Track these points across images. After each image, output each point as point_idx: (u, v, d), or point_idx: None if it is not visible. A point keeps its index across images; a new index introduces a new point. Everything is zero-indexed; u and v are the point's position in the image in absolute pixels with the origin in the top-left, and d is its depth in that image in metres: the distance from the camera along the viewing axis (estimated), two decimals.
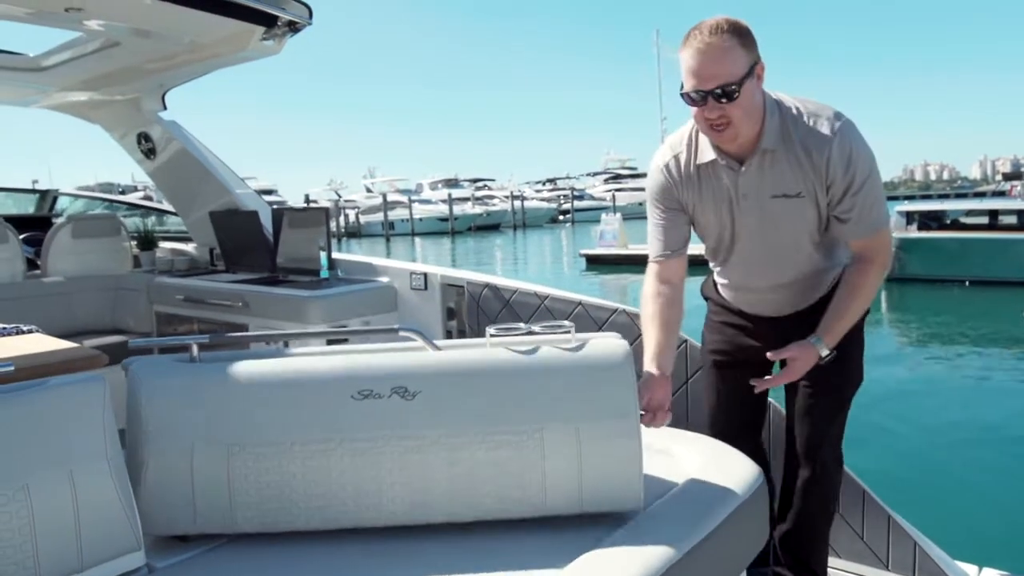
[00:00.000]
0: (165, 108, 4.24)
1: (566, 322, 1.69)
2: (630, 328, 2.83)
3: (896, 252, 15.73)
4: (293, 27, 3.17)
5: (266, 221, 4.07)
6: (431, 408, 1.64)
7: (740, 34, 1.75)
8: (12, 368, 1.66)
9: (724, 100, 1.75)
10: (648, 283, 2.11)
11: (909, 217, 16.10)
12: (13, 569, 1.51)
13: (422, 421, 1.65)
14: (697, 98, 1.78)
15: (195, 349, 1.79)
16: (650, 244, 2.12)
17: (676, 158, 2.01)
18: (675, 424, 2.73)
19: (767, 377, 1.99)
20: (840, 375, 2.06)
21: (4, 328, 2.72)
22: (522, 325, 1.72)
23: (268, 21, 3.09)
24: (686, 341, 2.73)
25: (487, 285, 3.26)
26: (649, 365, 1.96)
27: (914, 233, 15.85)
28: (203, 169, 4.21)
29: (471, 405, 1.64)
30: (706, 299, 2.37)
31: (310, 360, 1.72)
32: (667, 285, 2.08)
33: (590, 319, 2.94)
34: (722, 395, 2.29)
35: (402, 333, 1.79)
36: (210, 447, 1.70)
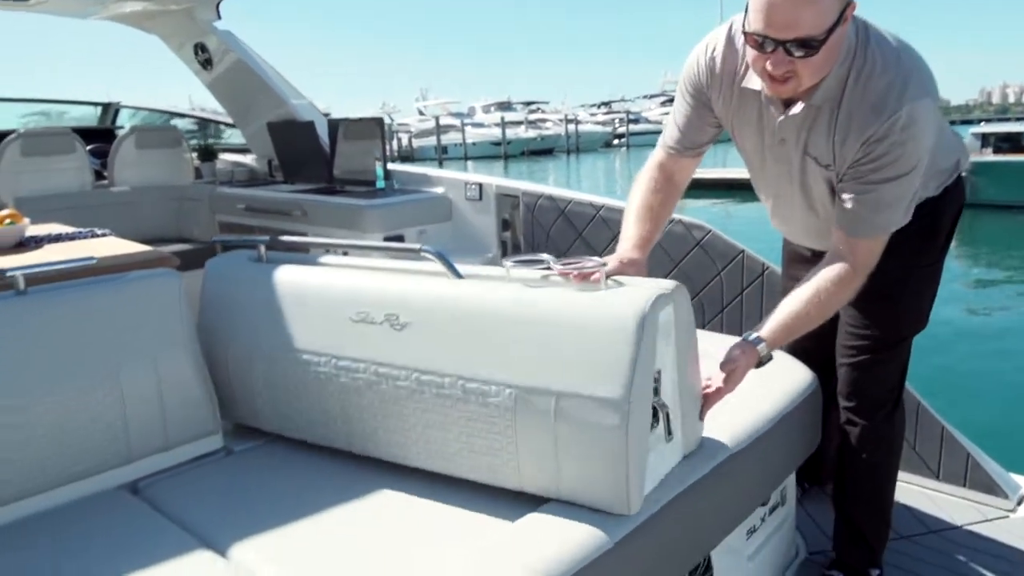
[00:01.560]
0: (219, 18, 4.25)
1: (598, 259, 1.42)
2: (685, 238, 2.81)
3: (968, 177, 15.05)
4: None
5: (322, 132, 4.10)
6: (416, 343, 1.51)
7: None
8: (95, 260, 1.75)
9: (799, 55, 1.41)
10: (647, 173, 1.84)
11: (984, 139, 15.33)
12: (107, 445, 1.64)
13: (405, 355, 1.52)
14: (765, 46, 1.43)
15: (263, 249, 1.86)
16: (666, 130, 1.86)
17: (721, 61, 1.68)
18: (729, 334, 2.74)
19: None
20: (902, 319, 1.81)
21: (80, 231, 2.84)
22: (546, 258, 1.48)
23: None
24: (743, 252, 2.70)
25: (542, 195, 3.25)
26: (631, 251, 1.70)
27: (988, 156, 15.12)
28: (259, 80, 4.24)
29: (452, 347, 1.46)
30: None
31: (328, 274, 1.72)
32: (668, 182, 1.83)
33: None
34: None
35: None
36: (254, 347, 1.79)
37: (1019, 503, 2.29)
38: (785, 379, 1.89)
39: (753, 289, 2.69)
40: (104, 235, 2.92)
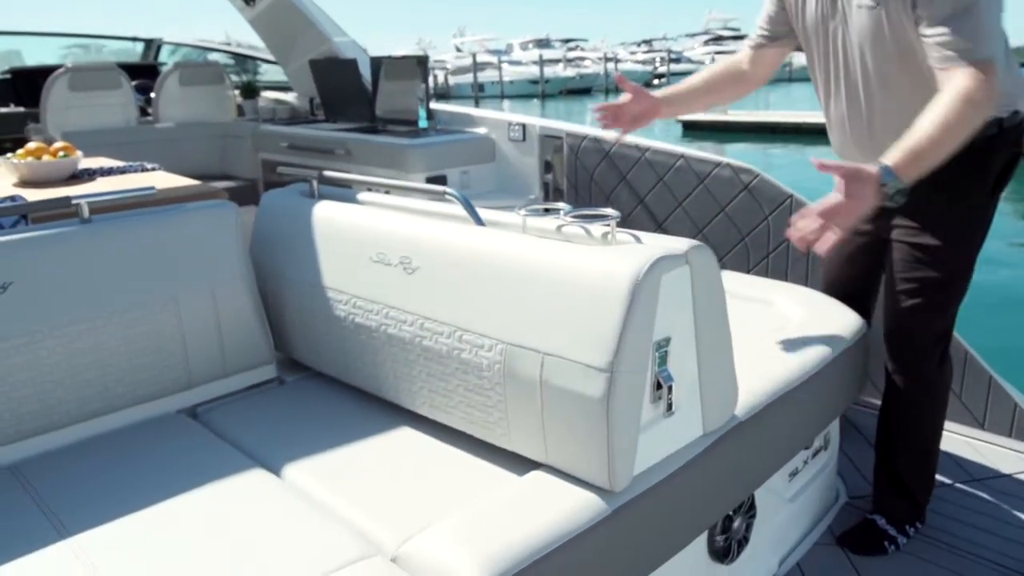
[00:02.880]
0: None
1: (612, 211, 1.36)
2: (732, 182, 2.77)
3: None
4: None
5: (364, 70, 4.07)
6: (423, 288, 1.50)
7: None
8: (154, 191, 1.79)
9: None
10: (726, 59, 2.03)
11: None
12: (168, 370, 1.70)
13: (412, 300, 1.52)
14: None
15: (315, 184, 1.89)
16: (756, 26, 1.97)
17: None
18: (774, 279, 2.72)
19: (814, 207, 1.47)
20: (951, 259, 1.75)
21: (130, 165, 2.90)
22: (563, 207, 1.45)
23: None
24: (791, 196, 2.65)
25: (587, 137, 3.21)
26: (656, 94, 1.91)
27: None
28: (302, 16, 4.21)
29: (452, 295, 1.44)
30: None
31: (358, 213, 1.71)
32: (742, 68, 1.99)
33: (692, 172, 2.88)
34: (833, 258, 2.03)
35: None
36: (295, 282, 1.82)
37: None
38: (834, 323, 1.88)
39: None
40: (154, 169, 2.98)
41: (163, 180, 2.63)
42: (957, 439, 2.39)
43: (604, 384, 1.19)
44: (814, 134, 18.53)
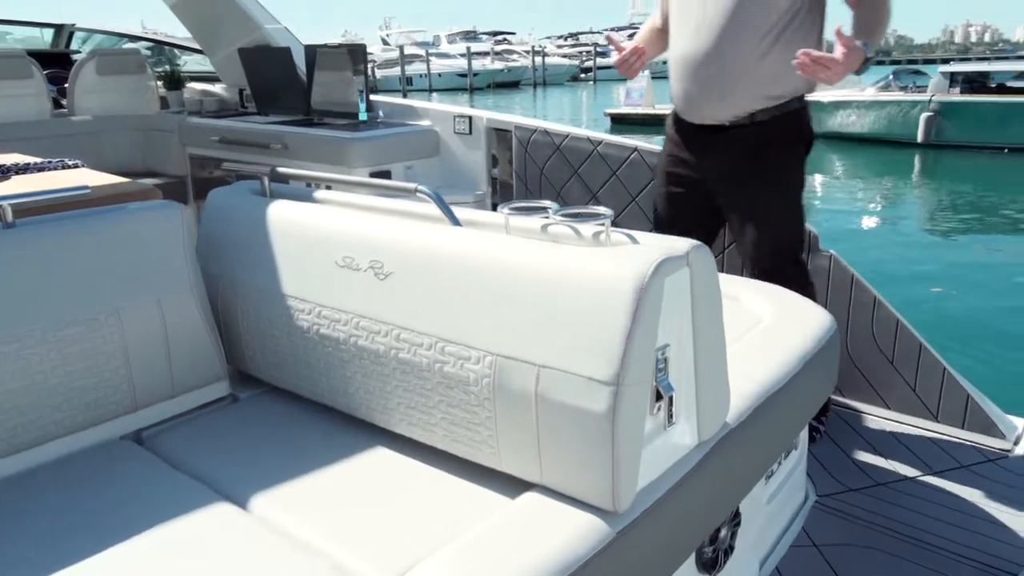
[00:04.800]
0: None
1: (605, 210, 1.27)
2: None
3: (935, 117, 15.15)
4: None
5: (299, 60, 3.89)
6: (398, 295, 1.38)
7: None
8: (89, 190, 1.61)
9: None
10: (650, 20, 2.47)
11: (952, 79, 15.37)
12: (111, 392, 1.53)
13: (386, 308, 1.39)
14: None
15: (266, 181, 1.74)
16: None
17: None
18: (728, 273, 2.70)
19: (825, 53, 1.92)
20: (790, 213, 2.20)
21: (48, 162, 2.66)
22: (549, 206, 1.37)
23: None
24: None
25: (536, 130, 3.13)
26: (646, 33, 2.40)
27: (956, 96, 15.19)
28: (231, 2, 3.99)
29: (433, 303, 1.32)
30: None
31: (321, 213, 1.58)
32: (659, 25, 2.39)
33: (646, 166, 2.83)
34: (675, 217, 2.37)
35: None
36: (248, 288, 1.67)
37: (1016, 443, 2.32)
38: (805, 321, 1.85)
39: None
40: (75, 166, 2.75)
41: (89, 178, 2.42)
42: (912, 431, 2.41)
43: (609, 398, 1.10)
44: None
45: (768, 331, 1.79)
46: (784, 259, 2.21)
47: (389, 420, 1.46)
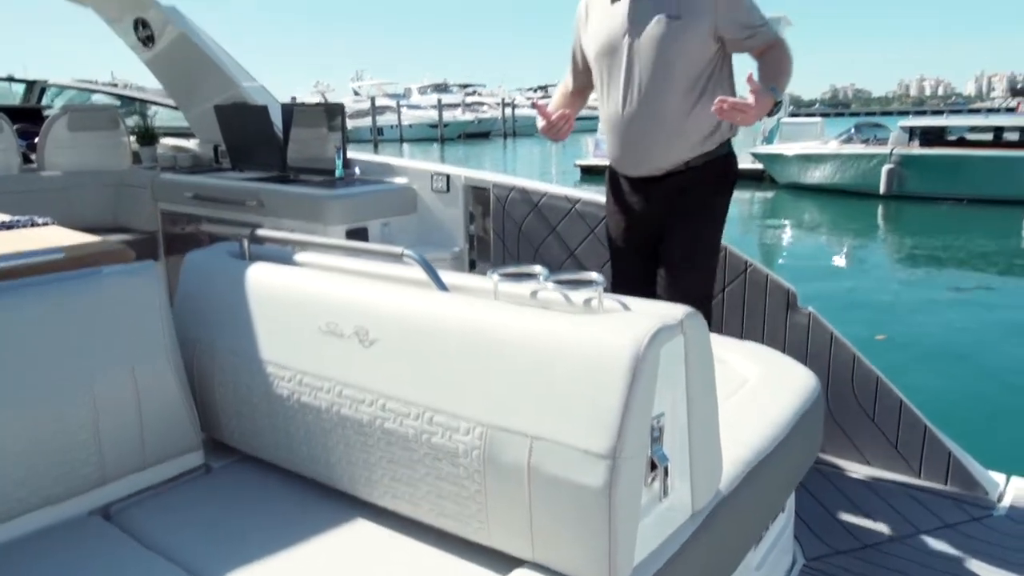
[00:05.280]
0: None
1: (597, 275, 1.26)
2: None
3: (896, 169, 15.57)
4: None
5: (276, 117, 3.89)
6: (383, 363, 1.34)
7: None
8: (62, 254, 1.56)
9: None
10: (562, 85, 2.58)
11: (911, 133, 15.86)
12: (79, 465, 1.47)
13: (371, 377, 1.35)
14: None
15: (246, 243, 1.71)
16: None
17: (588, 3, 2.36)
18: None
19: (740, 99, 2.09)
20: (711, 243, 2.32)
21: (17, 220, 2.59)
22: (539, 271, 1.34)
23: None
24: (725, 248, 2.66)
25: (514, 188, 3.15)
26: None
27: (916, 149, 15.65)
28: (207, 60, 3.99)
29: (420, 371, 1.28)
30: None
31: (303, 276, 1.55)
32: (571, 88, 2.55)
33: None
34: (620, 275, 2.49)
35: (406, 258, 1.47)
36: (226, 354, 1.63)
37: (999, 500, 2.32)
38: (791, 381, 1.85)
39: (736, 286, 2.66)
40: (45, 224, 2.69)
41: (60, 237, 2.36)
42: (895, 488, 2.40)
43: (605, 472, 1.07)
44: None
45: (755, 392, 1.79)
46: (704, 293, 2.33)
47: (372, 492, 1.42)
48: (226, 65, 4.00)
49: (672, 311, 1.19)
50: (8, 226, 2.52)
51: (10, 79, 6.32)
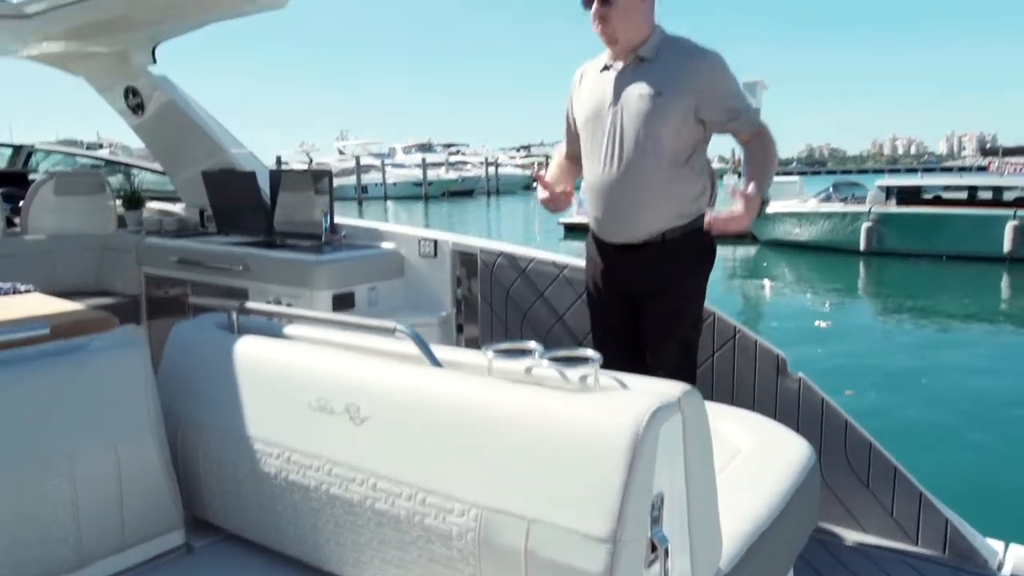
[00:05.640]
0: (155, 62, 4.03)
1: (593, 353, 1.24)
2: None
3: (875, 226, 15.84)
4: None
5: (263, 183, 3.91)
6: (375, 441, 1.31)
7: None
8: (47, 330, 1.53)
9: (605, 3, 2.18)
10: (558, 155, 2.64)
11: (888, 192, 16.20)
12: (55, 547, 1.41)
13: (362, 455, 1.32)
14: (589, 3, 2.22)
15: (234, 315, 1.69)
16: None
17: (582, 71, 2.44)
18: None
19: (723, 215, 2.13)
20: (693, 313, 2.36)
21: (0, 287, 2.56)
22: (534, 347, 1.32)
23: None
24: (713, 314, 2.66)
25: (501, 253, 3.15)
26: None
27: (893, 208, 15.96)
28: (196, 126, 4.02)
29: (413, 451, 1.25)
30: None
31: (291, 350, 1.53)
32: (564, 158, 2.59)
33: None
34: (599, 330, 2.52)
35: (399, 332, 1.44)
36: (211, 430, 1.59)
37: (999, 569, 2.29)
38: (785, 451, 1.83)
39: (725, 352, 2.65)
40: (28, 290, 2.66)
41: (43, 305, 2.33)
42: (892, 558, 2.36)
43: (606, 557, 1.04)
44: None
45: (749, 463, 1.76)
46: (683, 361, 2.36)
47: (362, 575, 1.37)
48: (214, 132, 4.03)
49: (670, 389, 1.17)
50: None
51: (8, 144, 6.34)
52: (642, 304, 2.34)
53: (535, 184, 2.62)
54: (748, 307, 11.95)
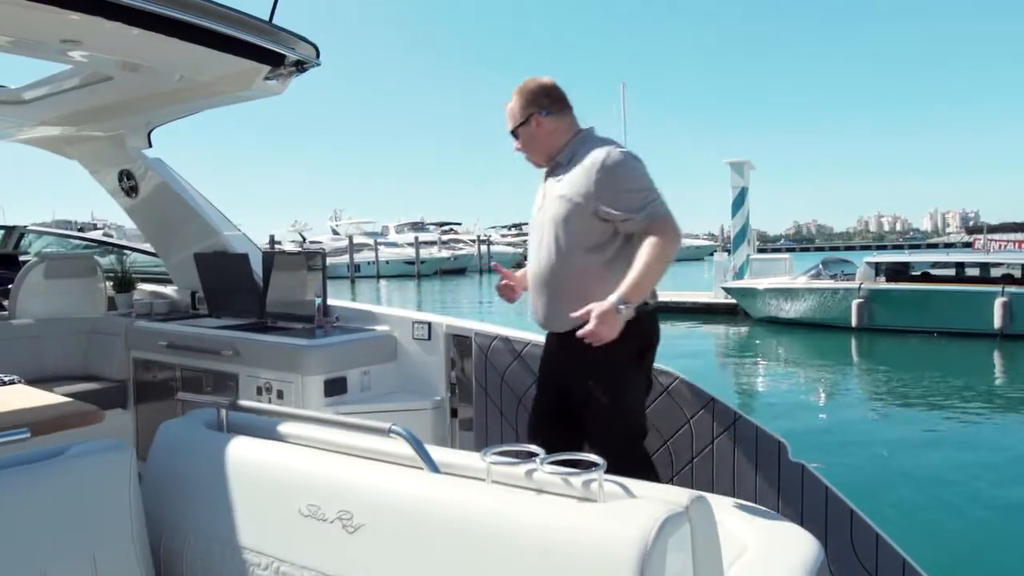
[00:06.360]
0: (151, 146, 4.07)
1: (597, 459, 1.19)
2: (651, 385, 2.71)
3: (866, 303, 15.92)
4: (300, 67, 3.05)
5: (256, 265, 3.89)
6: (368, 552, 1.25)
7: (520, 94, 2.52)
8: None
9: (514, 136, 2.54)
10: None
11: (876, 268, 16.34)
12: None
13: (354, 567, 1.26)
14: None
15: (223, 413, 1.62)
16: None
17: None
18: (699, 487, 2.61)
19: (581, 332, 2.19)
20: (621, 399, 2.38)
21: None
22: (535, 451, 1.28)
23: (275, 60, 2.96)
24: (712, 400, 2.61)
25: (497, 336, 3.11)
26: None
27: (883, 284, 16.08)
28: (189, 209, 4.03)
29: (407, 563, 1.20)
30: None
31: (283, 453, 1.47)
32: None
33: None
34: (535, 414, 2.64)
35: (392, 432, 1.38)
36: (197, 537, 1.51)
37: None
38: (792, 548, 1.75)
39: (724, 439, 2.59)
40: (12, 382, 2.60)
41: (26, 398, 2.27)
42: None
43: None
44: (679, 312, 19.53)
45: (756, 564, 1.69)
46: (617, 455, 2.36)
47: None
48: (207, 214, 4.04)
49: (677, 496, 1.12)
50: None
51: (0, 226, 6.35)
52: (577, 392, 2.42)
53: (525, 262, 2.68)
54: (742, 388, 11.86)
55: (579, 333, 2.16)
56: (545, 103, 2.51)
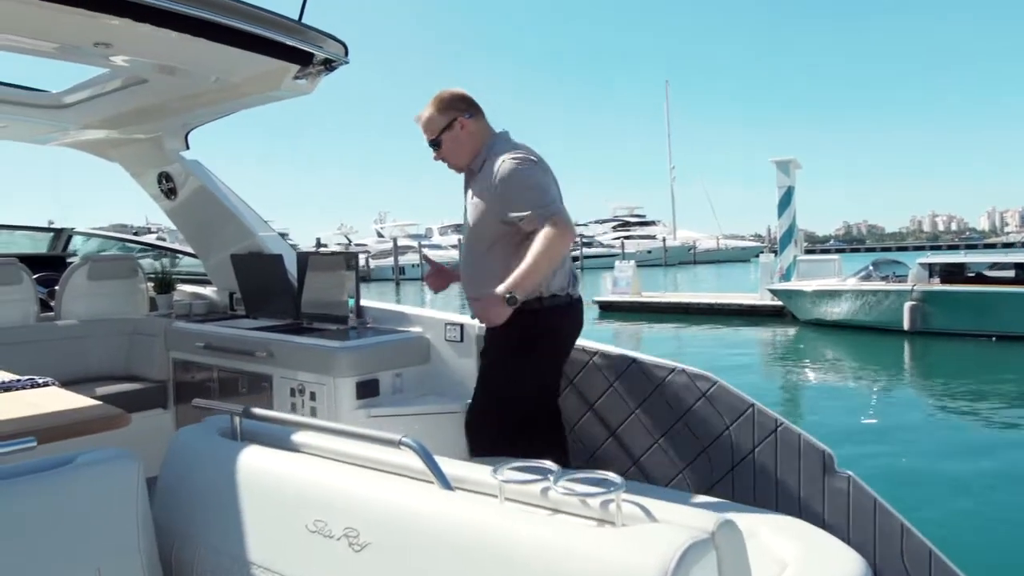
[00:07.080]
0: (188, 148, 4.10)
1: (615, 477, 1.13)
2: (690, 390, 2.61)
3: (919, 305, 15.41)
4: (328, 66, 3.02)
5: (291, 265, 3.89)
6: (373, 573, 1.21)
7: (439, 102, 2.72)
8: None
9: (434, 147, 2.78)
10: None
11: (930, 269, 15.80)
12: None
13: None
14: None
15: (236, 421, 1.58)
16: None
17: None
18: (739, 499, 2.49)
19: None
20: (500, 379, 2.75)
21: (19, 380, 2.51)
22: (550, 467, 1.23)
23: (303, 59, 2.93)
24: (753, 405, 2.50)
25: None
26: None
27: (937, 286, 15.53)
28: (226, 211, 4.05)
29: None
30: None
31: (294, 464, 1.42)
32: None
33: (645, 377, 2.72)
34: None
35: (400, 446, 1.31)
36: (206, 551, 1.47)
37: None
38: (836, 564, 1.65)
39: (766, 447, 2.48)
40: (45, 384, 2.61)
41: (53, 400, 2.27)
42: None
43: None
44: (724, 314, 19.23)
45: None
46: (481, 417, 2.78)
47: None
48: (244, 215, 4.05)
49: (703, 521, 1.04)
50: (7, 387, 2.44)
51: (37, 228, 6.50)
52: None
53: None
54: (786, 393, 11.57)
55: (472, 315, 2.50)
56: (463, 107, 2.72)
